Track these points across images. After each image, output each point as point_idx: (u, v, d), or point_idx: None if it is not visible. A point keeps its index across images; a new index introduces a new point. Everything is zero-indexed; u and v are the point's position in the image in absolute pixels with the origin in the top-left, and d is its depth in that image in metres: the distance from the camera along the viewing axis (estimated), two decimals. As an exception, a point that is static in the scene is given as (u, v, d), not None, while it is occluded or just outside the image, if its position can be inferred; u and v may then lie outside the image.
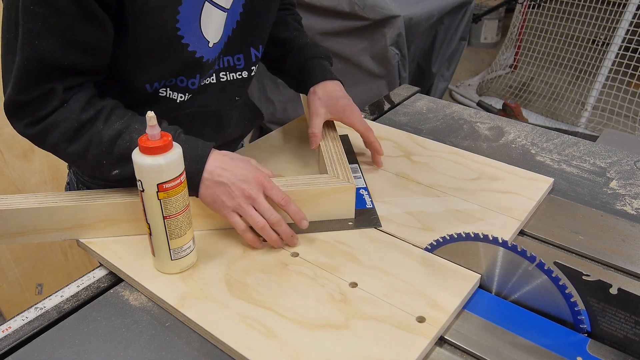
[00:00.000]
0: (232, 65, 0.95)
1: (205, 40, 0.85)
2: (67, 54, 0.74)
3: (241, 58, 0.95)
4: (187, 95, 0.90)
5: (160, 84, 0.87)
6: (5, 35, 0.73)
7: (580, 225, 0.90)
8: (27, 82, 0.73)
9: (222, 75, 0.94)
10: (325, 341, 0.67)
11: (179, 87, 0.89)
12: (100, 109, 0.78)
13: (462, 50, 2.74)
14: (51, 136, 0.77)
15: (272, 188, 0.81)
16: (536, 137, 1.19)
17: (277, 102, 2.68)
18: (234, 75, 0.96)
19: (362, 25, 2.29)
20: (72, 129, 0.77)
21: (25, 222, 0.80)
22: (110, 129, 0.77)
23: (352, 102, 1.02)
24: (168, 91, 0.89)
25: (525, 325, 0.71)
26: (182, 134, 0.81)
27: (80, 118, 0.76)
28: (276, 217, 0.80)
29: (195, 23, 0.82)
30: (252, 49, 0.96)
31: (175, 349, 0.69)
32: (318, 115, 1.00)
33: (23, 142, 1.72)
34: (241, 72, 0.97)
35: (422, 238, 0.84)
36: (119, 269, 0.79)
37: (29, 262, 1.78)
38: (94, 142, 0.77)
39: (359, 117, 1.01)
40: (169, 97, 0.89)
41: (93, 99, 0.79)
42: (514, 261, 0.72)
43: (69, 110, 0.76)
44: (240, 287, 0.75)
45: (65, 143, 0.77)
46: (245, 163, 0.82)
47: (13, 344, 0.70)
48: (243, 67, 0.96)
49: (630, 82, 3.11)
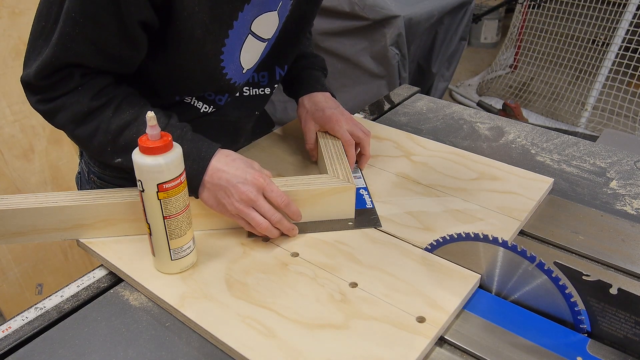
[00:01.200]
0: (256, 81, 0.97)
1: (241, 67, 0.87)
2: (95, 60, 0.76)
3: (266, 75, 0.98)
4: (211, 108, 0.92)
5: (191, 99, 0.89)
6: (42, 21, 0.74)
7: (580, 225, 0.90)
8: (49, 72, 0.75)
9: (245, 89, 0.96)
10: (325, 341, 0.67)
11: (206, 99, 0.91)
12: (112, 97, 0.79)
13: (462, 50, 2.74)
14: (60, 115, 0.78)
15: (272, 190, 0.81)
16: (536, 137, 1.19)
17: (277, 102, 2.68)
18: (257, 91, 0.98)
19: (362, 25, 2.29)
20: (81, 113, 0.78)
21: (25, 222, 0.80)
22: (119, 118, 0.78)
23: (339, 112, 1.01)
24: (194, 100, 0.91)
25: (525, 325, 0.71)
26: (189, 132, 0.81)
27: (91, 104, 0.77)
28: (277, 217, 0.80)
29: (237, 54, 0.84)
30: (278, 68, 0.98)
31: (175, 349, 0.69)
32: (310, 130, 1.03)
33: (23, 142, 1.72)
34: (264, 88, 0.99)
35: (422, 238, 0.84)
36: (119, 269, 0.79)
37: (29, 262, 1.78)
38: (101, 129, 0.78)
39: (343, 128, 0.99)
40: (194, 105, 0.91)
41: (107, 87, 0.80)
42: (514, 261, 0.72)
43: (81, 94, 0.77)
44: (240, 287, 0.75)
45: (72, 125, 0.79)
46: (247, 165, 0.82)
47: (13, 344, 0.70)
48: (267, 84, 0.98)
49: (630, 82, 3.11)
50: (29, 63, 0.76)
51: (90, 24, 0.71)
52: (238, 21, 0.79)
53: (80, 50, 0.73)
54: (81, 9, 0.69)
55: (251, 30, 0.83)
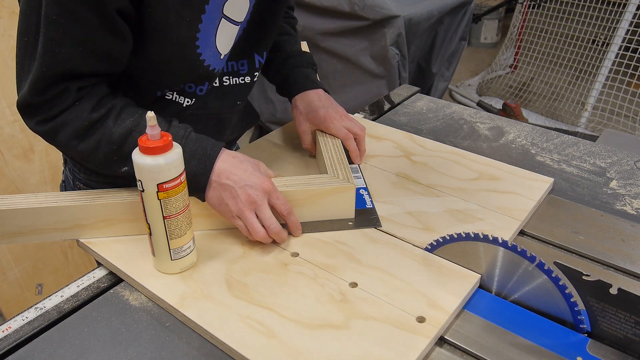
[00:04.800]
0: (235, 70, 0.96)
1: (218, 53, 0.86)
2: (86, 63, 0.75)
3: (245, 64, 0.96)
4: (193, 100, 0.92)
5: (171, 90, 0.88)
6: (24, 38, 0.73)
7: (580, 225, 0.90)
8: (43, 87, 0.74)
9: (225, 79, 0.95)
10: (325, 341, 0.67)
11: (186, 92, 0.90)
12: (111, 107, 0.79)
13: (462, 50, 2.74)
14: (62, 134, 0.77)
15: (277, 197, 0.81)
16: (536, 137, 1.19)
17: (277, 102, 2.68)
18: (237, 80, 0.97)
19: (362, 25, 2.29)
20: (83, 128, 0.77)
21: (25, 222, 0.80)
22: (120, 127, 0.78)
23: (332, 110, 1.03)
24: (175, 95, 0.90)
25: (525, 325, 0.71)
26: (192, 133, 0.81)
27: (91, 117, 0.77)
28: (277, 228, 0.81)
29: (212, 39, 0.83)
30: (257, 55, 0.97)
31: (175, 349, 0.69)
32: (305, 132, 1.04)
33: (23, 142, 1.72)
34: (244, 77, 0.97)
35: (422, 238, 0.84)
36: (119, 269, 0.79)
37: (29, 262, 1.78)
38: (105, 140, 0.78)
39: (338, 125, 1.01)
40: (175, 101, 0.90)
41: (105, 98, 0.79)
42: (514, 261, 0.72)
43: (80, 109, 0.77)
44: (240, 287, 0.75)
45: (75, 141, 0.78)
46: (254, 167, 0.82)
47: (13, 344, 0.70)
48: (246, 72, 0.97)
49: (630, 82, 3.11)
50: (22, 84, 0.75)
51: (72, 23, 0.70)
52: (209, 5, 0.79)
53: (69, 54, 0.72)
54: (60, 10, 0.69)
55: (223, 13, 0.82)
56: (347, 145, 1.01)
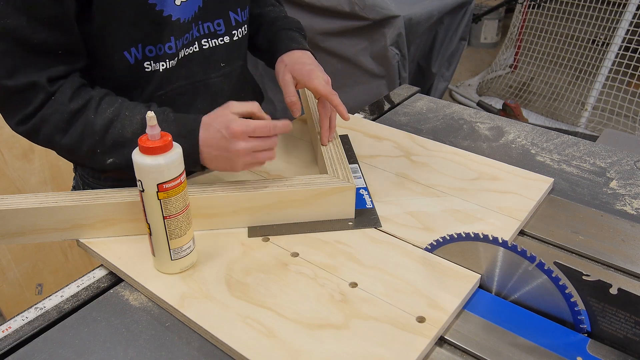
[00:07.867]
0: (212, 31, 0.96)
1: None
2: (34, 30, 0.74)
3: (221, 23, 0.96)
4: (170, 63, 0.90)
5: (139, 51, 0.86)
6: None
7: (580, 225, 0.90)
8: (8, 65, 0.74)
9: (204, 42, 0.95)
10: (325, 341, 0.67)
11: (159, 55, 0.88)
12: (89, 98, 0.79)
13: (462, 50, 2.73)
14: (44, 130, 0.78)
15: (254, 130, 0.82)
16: (536, 137, 1.19)
17: (277, 102, 2.68)
18: (216, 42, 0.97)
19: (362, 25, 2.29)
20: (63, 120, 0.77)
21: (25, 222, 0.80)
22: (101, 117, 0.78)
23: (319, 69, 0.99)
24: (152, 63, 0.88)
25: (525, 325, 0.71)
26: (170, 113, 0.82)
27: (70, 108, 0.77)
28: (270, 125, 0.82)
29: None
30: (232, 12, 0.96)
31: (175, 349, 0.69)
32: (288, 83, 0.98)
33: (23, 142, 1.72)
34: (222, 37, 0.97)
35: (422, 238, 0.84)
36: (119, 269, 0.79)
37: (29, 262, 1.78)
38: (87, 132, 0.78)
39: (322, 82, 0.96)
40: (154, 70, 0.89)
41: (80, 88, 0.80)
42: (514, 261, 0.72)
43: (57, 102, 0.77)
44: (240, 287, 0.75)
45: (59, 135, 0.78)
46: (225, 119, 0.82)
47: (13, 344, 0.70)
48: (224, 32, 0.97)
49: (630, 82, 3.11)
50: None
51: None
52: None
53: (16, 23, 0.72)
54: None
55: None
56: (332, 99, 0.95)
